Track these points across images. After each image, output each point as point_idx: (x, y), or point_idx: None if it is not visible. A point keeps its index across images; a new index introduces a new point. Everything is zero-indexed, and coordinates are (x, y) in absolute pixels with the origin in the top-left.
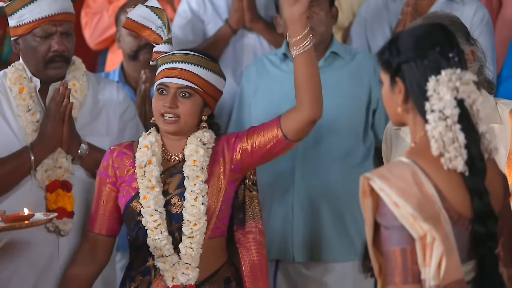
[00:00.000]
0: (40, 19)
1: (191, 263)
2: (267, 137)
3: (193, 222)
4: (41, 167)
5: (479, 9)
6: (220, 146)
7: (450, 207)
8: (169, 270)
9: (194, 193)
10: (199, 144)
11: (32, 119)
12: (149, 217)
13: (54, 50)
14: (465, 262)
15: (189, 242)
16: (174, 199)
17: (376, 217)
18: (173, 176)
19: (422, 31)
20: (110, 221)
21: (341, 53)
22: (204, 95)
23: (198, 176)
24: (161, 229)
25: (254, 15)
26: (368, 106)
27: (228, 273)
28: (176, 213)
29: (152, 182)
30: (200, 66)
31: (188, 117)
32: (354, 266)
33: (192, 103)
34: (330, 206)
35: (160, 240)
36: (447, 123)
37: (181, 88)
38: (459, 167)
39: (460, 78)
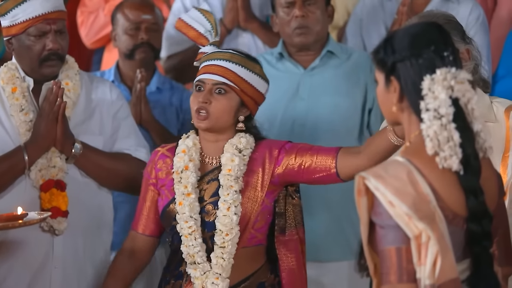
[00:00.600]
0: (33, 18)
1: (222, 273)
2: (318, 165)
3: (225, 232)
4: (35, 166)
5: (474, 8)
6: (260, 153)
7: (445, 206)
8: (200, 278)
9: (227, 202)
10: (234, 152)
11: (26, 118)
12: (184, 223)
13: (49, 48)
14: (460, 261)
15: (220, 252)
16: (208, 206)
17: (371, 216)
18: (209, 183)
19: (417, 30)
20: (154, 221)
21: (337, 52)
22: (242, 94)
23: (232, 186)
24: (195, 236)
25: (249, 14)
26: (364, 105)
27: (262, 279)
28: (209, 221)
29: (188, 188)
30: (239, 64)
31: (219, 114)
32: (350, 265)
33: (227, 100)
34: (326, 206)
35: (193, 247)
36: (442, 122)
37: (216, 84)
38: (454, 166)
39: (455, 77)
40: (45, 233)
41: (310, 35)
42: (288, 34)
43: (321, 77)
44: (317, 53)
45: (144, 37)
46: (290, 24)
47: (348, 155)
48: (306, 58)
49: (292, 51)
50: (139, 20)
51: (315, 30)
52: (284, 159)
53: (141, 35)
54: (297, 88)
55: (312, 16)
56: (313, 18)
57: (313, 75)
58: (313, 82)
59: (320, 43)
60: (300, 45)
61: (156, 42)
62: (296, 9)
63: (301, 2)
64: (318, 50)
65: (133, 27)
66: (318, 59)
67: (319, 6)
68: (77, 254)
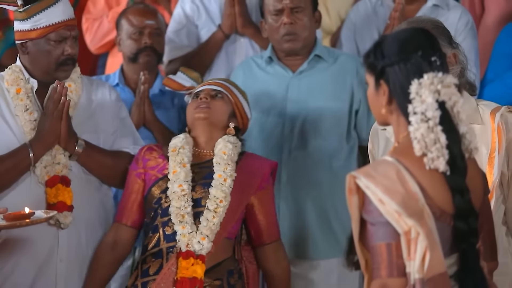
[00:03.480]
0: (56, 24)
1: (209, 235)
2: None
3: (220, 199)
4: (40, 163)
5: (463, 15)
6: (250, 161)
7: (433, 204)
8: (187, 236)
9: (225, 174)
10: (227, 144)
11: (30, 118)
12: (178, 186)
13: (68, 53)
14: (448, 256)
15: (211, 216)
16: (198, 187)
17: (362, 214)
18: (201, 169)
19: (405, 36)
20: (137, 213)
21: (324, 56)
22: (234, 105)
23: (229, 164)
24: (187, 198)
25: (246, 20)
26: (351, 107)
27: (231, 266)
28: (197, 198)
29: (185, 160)
30: (232, 85)
31: (219, 110)
32: (339, 262)
33: (224, 103)
34: (315, 205)
35: (185, 208)
36: (429, 124)
37: (214, 91)
38: (441, 167)
39: (442, 81)
40: (51, 228)
41: (298, 41)
42: (277, 40)
43: (309, 80)
44: (305, 57)
45: (148, 41)
46: (279, 31)
47: (274, 253)
48: (294, 62)
49: (281, 55)
50: (143, 25)
51: (302, 36)
52: (262, 191)
53: (144, 39)
54: (286, 91)
55: (300, 23)
56: (301, 25)
57: (301, 78)
58: (301, 85)
59: (308, 48)
60: (288, 50)
61: (159, 46)
62: (284, 17)
63: (289, 10)
64: (306, 55)
65: (137, 32)
66: (306, 63)
67: (306, 13)
68: (81, 247)
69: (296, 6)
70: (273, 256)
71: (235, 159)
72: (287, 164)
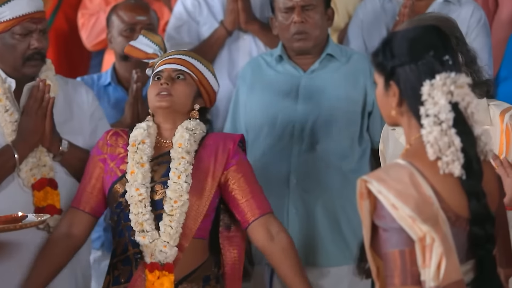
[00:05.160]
0: (20, 17)
1: (170, 241)
2: (241, 208)
3: (174, 199)
4: (25, 165)
5: (476, 11)
6: (213, 141)
7: (447, 208)
8: (149, 246)
9: (178, 171)
10: (185, 130)
11: (11, 119)
12: (135, 190)
13: (34, 47)
14: (464, 262)
15: (168, 220)
16: (157, 186)
17: (374, 219)
18: (160, 165)
19: (416, 34)
20: (96, 199)
21: (337, 54)
22: (199, 84)
23: (183, 157)
24: (145, 203)
25: (249, 16)
26: (363, 108)
27: (207, 272)
28: (157, 200)
29: (143, 159)
30: (195, 58)
31: (181, 95)
32: (349, 269)
33: (186, 84)
34: (325, 210)
35: (142, 214)
36: (442, 127)
37: (175, 71)
38: (456, 172)
39: (455, 81)
40: (40, 232)
41: (309, 40)
42: (287, 39)
43: (320, 80)
44: (316, 56)
45: None
46: (289, 29)
47: (263, 229)
48: (305, 61)
49: (292, 54)
50: (134, 21)
51: (314, 35)
52: (230, 168)
53: (136, 36)
54: (297, 91)
55: (311, 21)
56: (312, 23)
57: (312, 78)
58: (312, 85)
59: (320, 46)
60: (299, 50)
61: None
62: (294, 15)
63: (300, 8)
64: (317, 53)
65: (128, 28)
66: (318, 62)
67: (318, 11)
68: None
69: (307, 4)
70: (263, 233)
71: (193, 149)
72: (296, 167)
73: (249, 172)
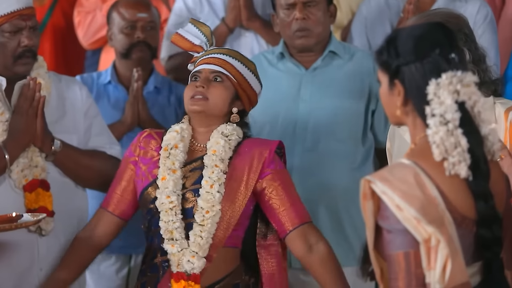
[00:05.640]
0: (9, 14)
1: (199, 252)
2: (279, 217)
3: (206, 210)
4: (16, 166)
5: (482, 7)
6: (249, 148)
7: (453, 209)
8: (176, 254)
9: (211, 179)
10: (220, 136)
11: (1, 118)
12: (165, 198)
13: (24, 45)
14: (470, 264)
15: (199, 230)
16: (188, 193)
17: (377, 220)
18: (192, 171)
19: (421, 32)
20: (126, 202)
21: (340, 52)
22: (238, 86)
23: (217, 166)
24: (176, 211)
25: (251, 13)
26: (367, 107)
27: (237, 280)
28: (188, 208)
29: (175, 165)
30: (235, 59)
31: (217, 99)
32: (353, 271)
33: (224, 88)
34: (328, 211)
35: (173, 222)
36: (449, 127)
37: (213, 73)
38: (462, 173)
39: (461, 80)
40: (30, 234)
41: (311, 38)
42: (289, 36)
43: (323, 78)
44: (319, 54)
45: (140, 35)
46: (291, 26)
47: (302, 239)
48: (307, 59)
49: (293, 51)
50: (135, 18)
51: (316, 32)
52: (266, 177)
53: (137, 34)
54: (299, 89)
55: (313, 18)
56: (314, 20)
57: (315, 75)
58: (315, 83)
59: (322, 43)
60: (301, 47)
61: (152, 40)
62: (296, 11)
63: (301, 4)
64: (320, 51)
65: (129, 25)
66: (320, 59)
67: (320, 8)
68: (61, 254)
69: (309, 0)
70: (302, 243)
71: (227, 156)
72: (298, 167)
73: (286, 180)
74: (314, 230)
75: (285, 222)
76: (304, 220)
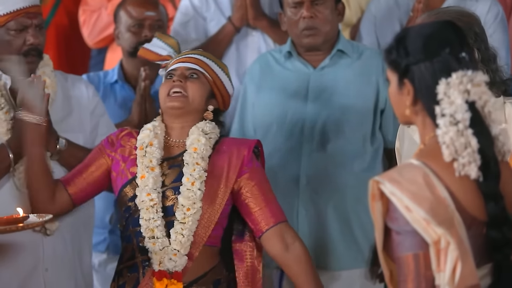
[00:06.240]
0: (14, 12)
1: (180, 250)
2: (254, 217)
3: (187, 207)
4: (21, 165)
5: (493, 6)
6: (227, 147)
7: (463, 210)
8: (158, 253)
9: (192, 177)
10: (200, 133)
11: (6, 117)
12: (146, 196)
13: (30, 43)
14: (480, 266)
15: (180, 228)
16: (168, 191)
17: (386, 221)
18: (171, 169)
19: (431, 30)
20: (85, 187)
21: (348, 51)
22: (213, 84)
23: (198, 163)
24: (157, 208)
25: (258, 12)
26: (375, 106)
27: (218, 276)
28: (168, 206)
29: (153, 163)
30: (210, 59)
31: (195, 94)
32: (361, 273)
33: (200, 84)
34: (336, 212)
35: (154, 220)
36: (459, 128)
37: (189, 70)
38: (473, 174)
39: (471, 79)
40: (35, 234)
41: (319, 36)
42: (296, 35)
43: (331, 77)
44: (327, 52)
45: (148, 34)
46: (298, 25)
47: (278, 238)
48: (315, 58)
49: (301, 50)
50: (143, 17)
51: (324, 30)
52: (243, 176)
53: (144, 32)
54: (307, 88)
55: (321, 16)
56: (321, 18)
57: (323, 75)
58: (323, 82)
59: (330, 42)
60: (308, 46)
61: None
62: (304, 10)
63: (309, 3)
64: (328, 49)
65: (136, 24)
66: (328, 58)
67: (328, 6)
68: (67, 255)
69: None
70: (277, 242)
71: (207, 154)
72: (306, 167)
73: (263, 180)
74: (290, 230)
75: (261, 221)
76: (280, 220)
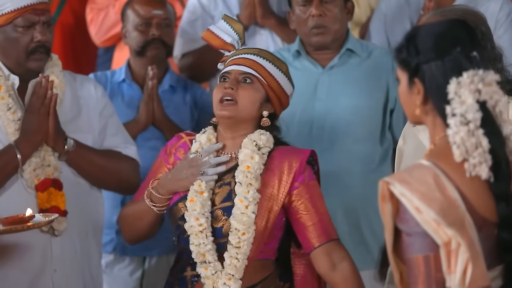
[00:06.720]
0: (22, 8)
1: (235, 274)
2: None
3: (242, 231)
4: (29, 166)
5: (505, 4)
6: (278, 161)
7: (474, 211)
8: (211, 277)
9: (246, 200)
10: (254, 149)
11: (14, 117)
12: (194, 220)
13: (38, 40)
14: (491, 268)
15: (235, 252)
16: (217, 211)
17: (396, 223)
18: (221, 188)
19: (442, 29)
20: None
21: (357, 50)
22: (268, 89)
23: (251, 184)
24: (206, 233)
25: (266, 10)
26: (385, 106)
27: (271, 286)
28: (217, 227)
29: (202, 187)
30: (267, 59)
31: (247, 102)
32: (370, 275)
33: (253, 90)
34: (345, 213)
35: (204, 245)
36: (470, 127)
37: (242, 74)
38: (483, 174)
39: (483, 79)
40: (43, 235)
41: (328, 35)
42: (305, 33)
43: (340, 76)
44: (336, 52)
45: (156, 33)
46: (307, 23)
47: (326, 257)
48: (324, 57)
49: (310, 49)
50: (150, 15)
51: (333, 29)
52: (294, 192)
53: (152, 31)
54: (315, 88)
55: (330, 14)
56: (331, 17)
57: (332, 74)
58: (332, 82)
59: (339, 41)
60: (317, 45)
61: (168, 38)
62: (312, 8)
63: (318, 1)
64: (337, 49)
65: (144, 23)
66: (337, 57)
67: (337, 4)
68: (76, 256)
69: None
70: (325, 261)
71: (260, 172)
72: None
73: (315, 193)
74: (339, 249)
75: (312, 238)
76: (332, 237)
